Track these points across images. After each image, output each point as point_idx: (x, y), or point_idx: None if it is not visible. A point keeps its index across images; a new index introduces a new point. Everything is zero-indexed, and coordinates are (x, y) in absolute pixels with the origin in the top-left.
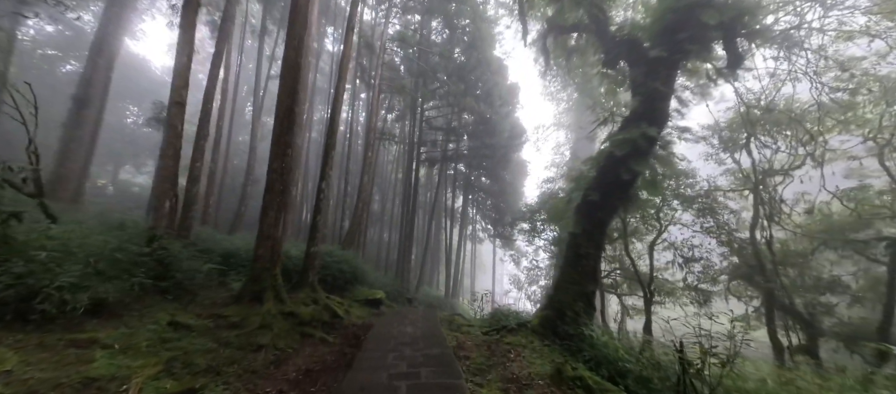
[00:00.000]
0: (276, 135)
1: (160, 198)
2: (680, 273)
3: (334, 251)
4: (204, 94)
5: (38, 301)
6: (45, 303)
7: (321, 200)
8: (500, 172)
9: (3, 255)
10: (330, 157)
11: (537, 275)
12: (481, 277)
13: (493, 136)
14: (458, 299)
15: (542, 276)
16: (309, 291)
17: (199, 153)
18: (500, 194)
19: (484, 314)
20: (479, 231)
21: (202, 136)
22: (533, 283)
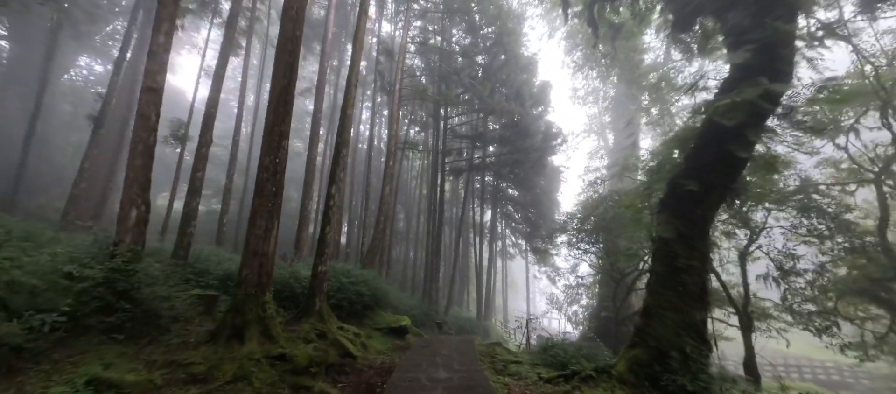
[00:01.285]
0: (269, 124)
1: (124, 206)
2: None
3: (351, 271)
4: (207, 101)
5: None
6: None
7: (331, 207)
8: (534, 179)
9: None
10: (341, 156)
11: (578, 294)
12: (514, 296)
13: (525, 138)
14: (491, 320)
15: (583, 294)
16: (315, 320)
17: (200, 163)
18: (534, 205)
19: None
20: (509, 247)
21: (204, 143)
22: (573, 302)
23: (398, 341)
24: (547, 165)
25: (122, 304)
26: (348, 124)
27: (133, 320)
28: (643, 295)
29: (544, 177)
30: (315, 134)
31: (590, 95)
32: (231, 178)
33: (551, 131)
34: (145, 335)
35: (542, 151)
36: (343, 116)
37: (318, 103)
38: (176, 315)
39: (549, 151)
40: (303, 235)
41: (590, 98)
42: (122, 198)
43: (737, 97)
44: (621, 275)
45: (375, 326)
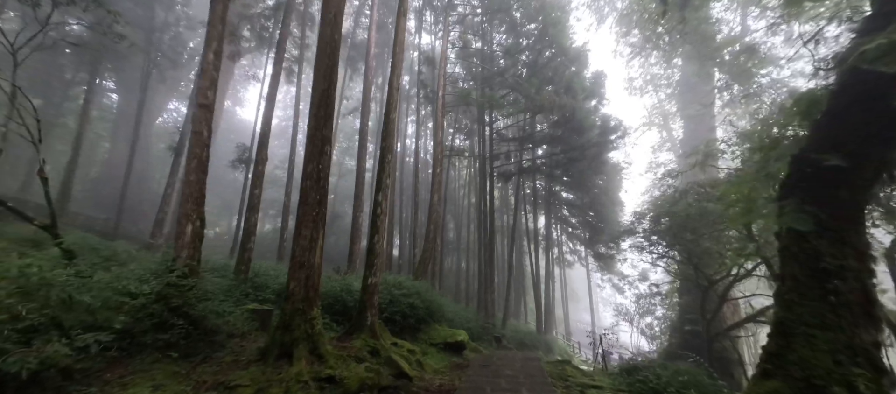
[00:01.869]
0: (311, 130)
1: (181, 222)
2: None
3: (403, 282)
4: (262, 120)
5: None
6: None
7: (378, 216)
8: (591, 179)
9: None
10: (386, 162)
11: (651, 304)
12: (575, 307)
13: (579, 134)
14: (552, 333)
15: (658, 304)
16: (367, 336)
17: (257, 180)
18: (592, 206)
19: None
20: (567, 254)
21: (260, 161)
22: (646, 313)
23: (455, 359)
24: (606, 163)
25: (175, 320)
26: (392, 129)
27: (188, 337)
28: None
29: (603, 175)
30: (363, 148)
31: (649, 84)
32: (289, 195)
33: (609, 124)
34: (200, 352)
35: (599, 147)
36: (386, 121)
37: (365, 118)
38: (231, 331)
39: (608, 146)
40: (355, 247)
41: (649, 87)
42: (179, 214)
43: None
44: (709, 282)
45: (431, 341)
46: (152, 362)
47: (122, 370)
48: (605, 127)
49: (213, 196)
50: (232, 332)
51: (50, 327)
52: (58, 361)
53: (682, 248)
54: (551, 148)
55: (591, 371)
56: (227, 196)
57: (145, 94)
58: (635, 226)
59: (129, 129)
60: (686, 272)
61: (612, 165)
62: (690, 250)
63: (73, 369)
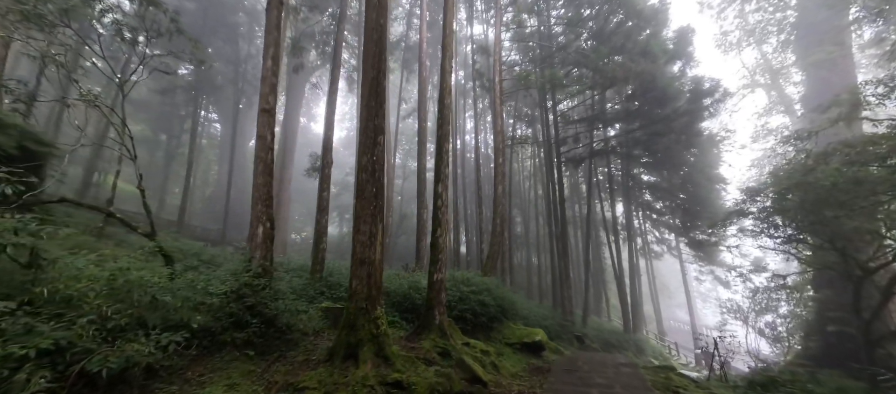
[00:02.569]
0: (364, 121)
1: (252, 225)
2: None
3: (471, 279)
4: (324, 125)
5: None
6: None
7: (439, 208)
8: (679, 156)
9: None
10: (444, 151)
11: (773, 299)
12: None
13: (663, 104)
14: (642, 332)
15: (783, 300)
16: (436, 335)
17: (324, 183)
18: (683, 187)
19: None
20: (653, 244)
21: (325, 164)
22: (764, 310)
23: (534, 360)
24: (698, 134)
25: (250, 318)
26: (447, 115)
27: (264, 336)
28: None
29: (695, 150)
30: (422, 145)
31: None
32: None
33: (701, 88)
34: (275, 350)
35: (690, 116)
36: (441, 108)
37: (422, 116)
38: (305, 329)
39: (700, 113)
40: (421, 244)
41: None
42: (251, 217)
43: None
44: (864, 270)
45: (505, 340)
46: (230, 360)
47: (202, 368)
48: (696, 91)
49: (299, 205)
50: (305, 330)
51: (135, 326)
52: (139, 360)
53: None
54: (627, 125)
55: (705, 382)
56: (310, 205)
57: (237, 121)
58: (746, 206)
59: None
60: (825, 259)
61: (706, 137)
62: (833, 231)
63: (158, 366)
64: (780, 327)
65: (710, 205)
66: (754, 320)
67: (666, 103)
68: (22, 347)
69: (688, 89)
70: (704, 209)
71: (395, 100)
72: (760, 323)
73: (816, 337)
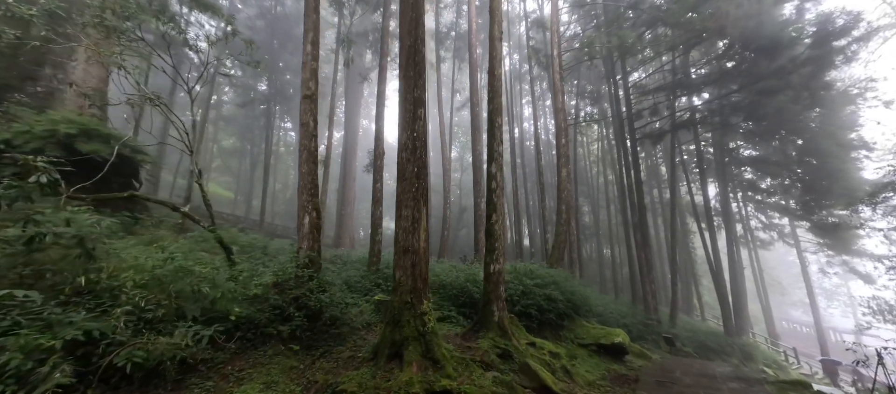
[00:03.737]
0: (402, 93)
1: (299, 215)
2: None
3: (536, 270)
4: (375, 117)
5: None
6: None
7: (493, 190)
8: (798, 118)
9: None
10: (496, 127)
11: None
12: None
13: (772, 56)
14: (748, 335)
15: None
16: (495, 334)
17: (377, 174)
18: (801, 159)
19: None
20: (758, 230)
21: (377, 155)
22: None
23: (615, 366)
24: (827, 88)
25: (294, 311)
26: (498, 87)
27: (310, 329)
28: None
29: (819, 111)
30: (476, 130)
31: None
32: None
33: (830, 25)
34: (321, 345)
35: (815, 64)
36: (491, 80)
37: (474, 98)
38: (355, 323)
39: (829, 60)
40: (479, 236)
41: None
42: (297, 207)
43: None
44: None
45: (578, 340)
46: (273, 355)
47: (243, 362)
48: (823, 33)
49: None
50: (356, 324)
51: (173, 317)
52: (170, 354)
53: None
54: (720, 89)
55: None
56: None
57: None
58: None
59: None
60: None
61: (836, 93)
62: None
63: (192, 360)
64: None
65: (845, 178)
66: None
67: (777, 54)
68: (52, 336)
69: (810, 31)
70: (835, 184)
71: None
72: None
73: None
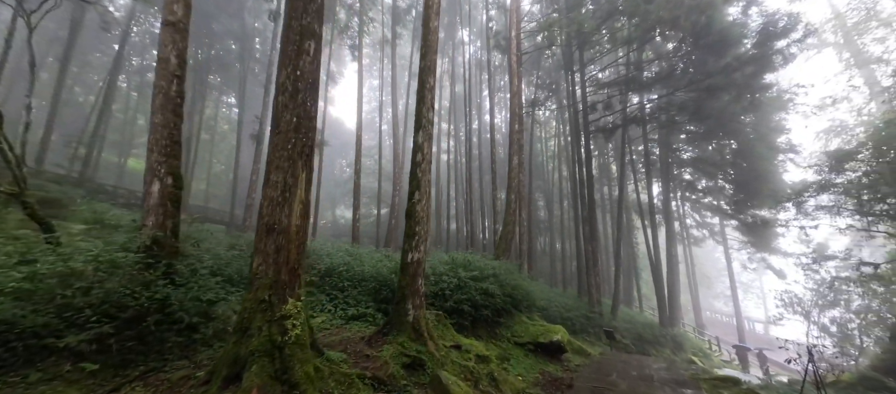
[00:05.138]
0: (287, 20)
1: (145, 180)
2: None
3: (475, 261)
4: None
5: None
6: None
7: (418, 165)
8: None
9: None
10: (427, 90)
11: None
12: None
13: (720, 53)
14: (678, 327)
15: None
16: (408, 338)
17: None
18: (735, 161)
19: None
20: (692, 228)
21: None
22: (831, 306)
23: (551, 367)
24: (766, 89)
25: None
26: (432, 42)
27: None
28: None
29: (751, 117)
30: None
31: None
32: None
33: (774, 25)
34: (149, 360)
35: (757, 64)
36: (425, 33)
37: None
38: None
39: (770, 60)
40: None
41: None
42: (145, 170)
43: None
44: None
45: (516, 339)
46: (48, 379)
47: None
48: (767, 31)
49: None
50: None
51: None
52: None
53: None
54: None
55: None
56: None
57: (244, 98)
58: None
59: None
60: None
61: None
62: None
63: None
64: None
65: (771, 180)
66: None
67: (724, 51)
68: None
69: (755, 29)
70: (764, 185)
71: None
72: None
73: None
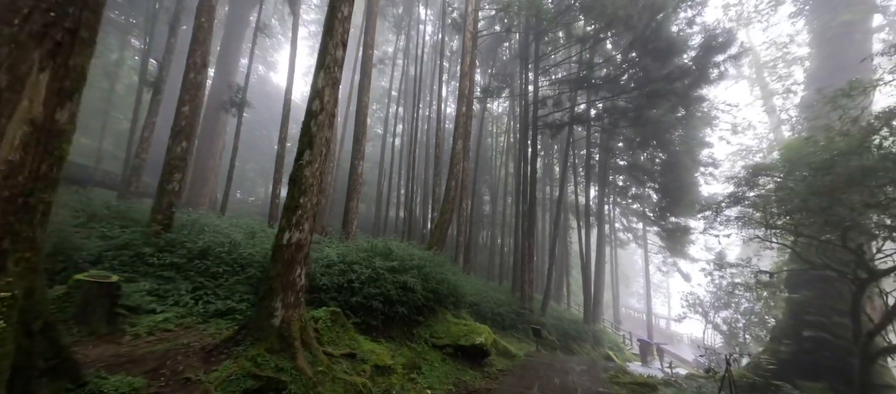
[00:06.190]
0: None
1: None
2: None
3: (396, 250)
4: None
5: None
6: None
7: (313, 115)
8: (666, 133)
9: None
10: (337, 19)
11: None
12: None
13: (667, 59)
14: (600, 323)
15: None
16: (267, 347)
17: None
18: (664, 171)
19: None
20: (620, 231)
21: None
22: (724, 307)
23: (469, 376)
24: (701, 100)
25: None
26: None
27: None
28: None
29: (685, 126)
30: (366, 76)
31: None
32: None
33: (714, 39)
34: None
35: (696, 75)
36: None
37: (370, 37)
38: None
39: (708, 73)
40: (351, 204)
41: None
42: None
43: None
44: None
45: (434, 340)
46: None
47: None
48: (707, 45)
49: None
50: None
51: None
52: None
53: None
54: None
55: None
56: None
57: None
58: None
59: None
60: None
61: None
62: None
63: None
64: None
65: (691, 191)
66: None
67: (669, 58)
68: None
69: (698, 41)
70: (685, 195)
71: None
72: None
73: (790, 341)
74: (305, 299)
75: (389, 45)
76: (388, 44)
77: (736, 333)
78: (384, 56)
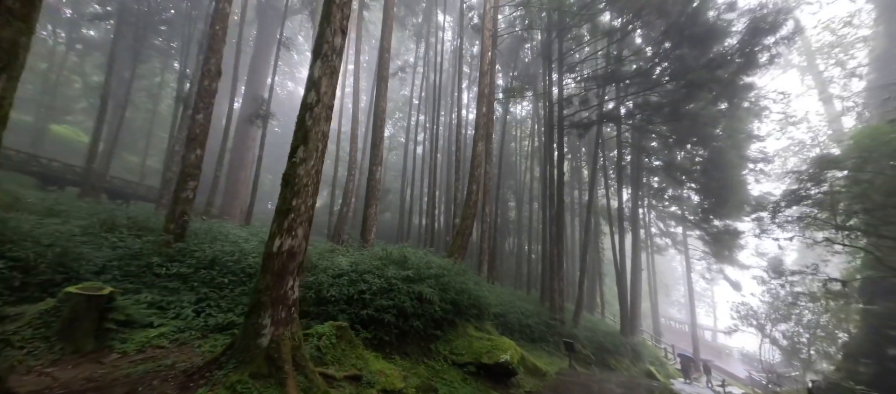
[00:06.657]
0: None
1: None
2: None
3: (412, 258)
4: None
5: None
6: None
7: (309, 107)
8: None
9: None
10: (336, 3)
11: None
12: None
13: (706, 46)
14: (638, 336)
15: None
16: (249, 375)
17: (202, 100)
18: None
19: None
20: (656, 236)
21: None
22: (783, 319)
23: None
24: (748, 90)
25: None
26: None
27: None
28: None
29: (730, 119)
30: (382, 80)
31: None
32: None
33: (764, 18)
34: None
35: (742, 61)
36: None
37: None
38: None
39: (756, 57)
40: (369, 212)
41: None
42: None
43: None
44: None
45: (454, 357)
46: None
47: None
48: (756, 26)
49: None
50: None
51: None
52: None
53: None
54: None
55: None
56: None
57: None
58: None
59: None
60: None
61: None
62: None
63: None
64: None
65: (740, 190)
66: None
67: (710, 44)
68: None
69: (744, 23)
70: (732, 195)
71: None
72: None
73: (870, 360)
74: (312, 313)
75: (410, 53)
76: (409, 53)
77: (798, 348)
78: (405, 65)
